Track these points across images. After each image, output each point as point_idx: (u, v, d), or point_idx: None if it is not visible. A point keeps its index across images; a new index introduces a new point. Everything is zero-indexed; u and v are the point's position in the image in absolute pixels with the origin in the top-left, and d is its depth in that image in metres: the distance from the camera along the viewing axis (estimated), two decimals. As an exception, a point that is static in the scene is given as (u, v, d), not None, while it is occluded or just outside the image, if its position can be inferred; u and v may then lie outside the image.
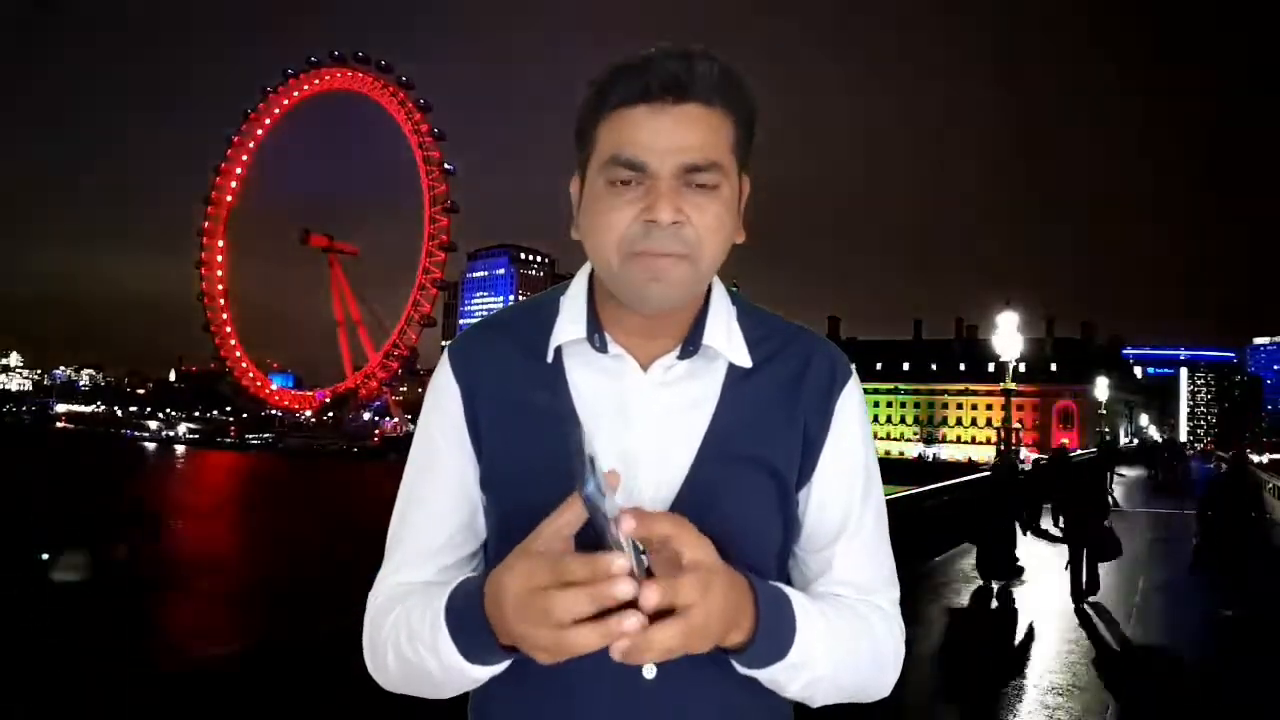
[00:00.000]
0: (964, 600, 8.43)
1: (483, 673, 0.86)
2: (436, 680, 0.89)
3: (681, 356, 0.98)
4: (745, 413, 0.97)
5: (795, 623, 0.85)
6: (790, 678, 0.87)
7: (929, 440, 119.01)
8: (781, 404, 0.99)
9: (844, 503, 1.00)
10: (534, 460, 0.94)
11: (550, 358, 0.99)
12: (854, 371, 1.05)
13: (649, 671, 0.91)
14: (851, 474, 1.01)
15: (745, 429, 0.97)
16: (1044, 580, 9.75)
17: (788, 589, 0.89)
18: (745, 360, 0.99)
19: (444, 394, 1.01)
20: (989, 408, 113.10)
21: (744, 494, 0.95)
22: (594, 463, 0.70)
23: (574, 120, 0.94)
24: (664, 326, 0.98)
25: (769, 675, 0.87)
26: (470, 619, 0.82)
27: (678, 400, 0.98)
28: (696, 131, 0.87)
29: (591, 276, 1.02)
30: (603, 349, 0.98)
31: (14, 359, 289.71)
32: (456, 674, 0.86)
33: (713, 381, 0.99)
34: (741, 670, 0.86)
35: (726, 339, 0.99)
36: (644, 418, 0.97)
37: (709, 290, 1.01)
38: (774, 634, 0.84)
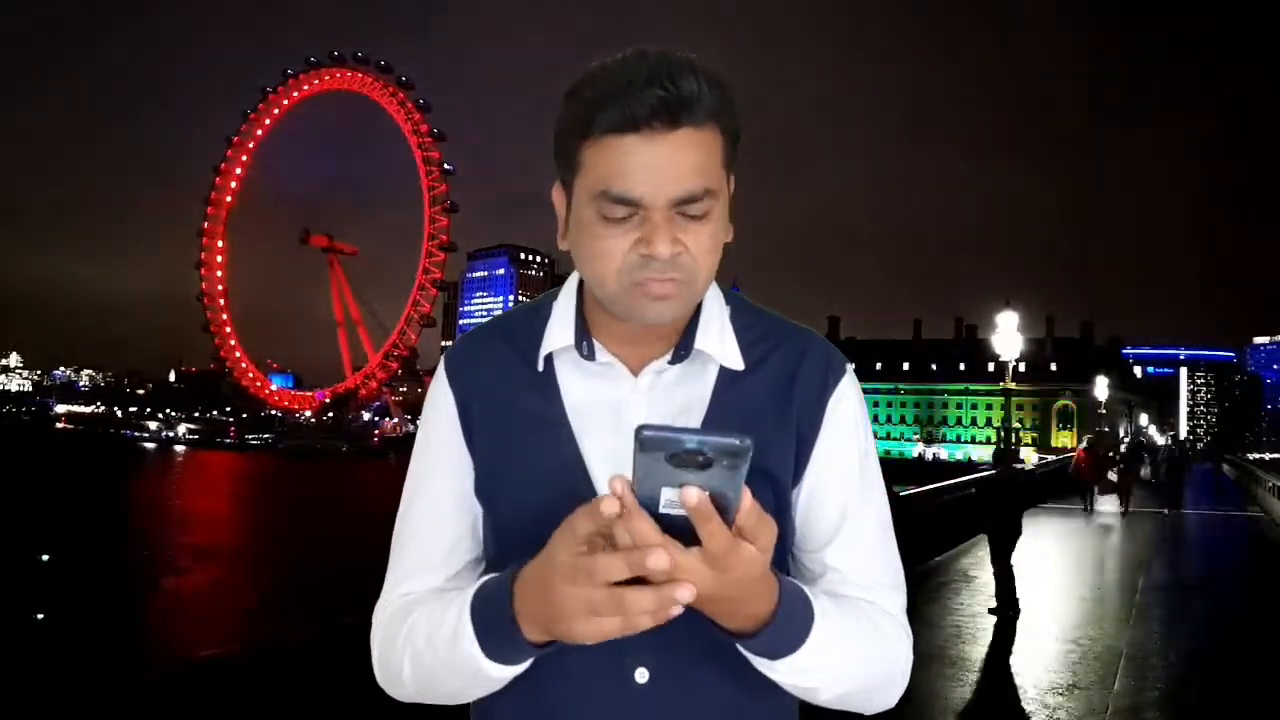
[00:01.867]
0: (964, 600, 8.43)
1: (502, 672, 0.85)
2: (454, 685, 0.90)
3: (673, 361, 0.97)
4: (737, 417, 0.97)
5: (813, 614, 0.85)
6: (801, 671, 0.86)
7: (929, 440, 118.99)
8: (774, 406, 0.98)
9: (839, 502, 0.99)
10: (528, 469, 0.95)
11: (541, 366, 0.99)
12: (849, 370, 1.03)
13: (641, 675, 0.91)
14: (846, 473, 1.00)
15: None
16: (1045, 581, 9.75)
17: (812, 594, 0.88)
18: (737, 363, 0.98)
19: (440, 402, 1.02)
20: (989, 408, 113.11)
21: None
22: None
23: (553, 130, 0.93)
24: (655, 332, 0.97)
25: (781, 667, 0.85)
26: (496, 614, 0.82)
27: (669, 406, 0.97)
28: (689, 159, 0.86)
29: (581, 283, 1.02)
30: (590, 356, 0.98)
31: (14, 359, 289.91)
32: (475, 674, 0.85)
33: (704, 386, 0.98)
34: (749, 656, 0.85)
35: (719, 342, 0.98)
36: (635, 424, 0.93)
37: None
38: (792, 621, 0.83)
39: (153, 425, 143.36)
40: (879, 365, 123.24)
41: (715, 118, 0.88)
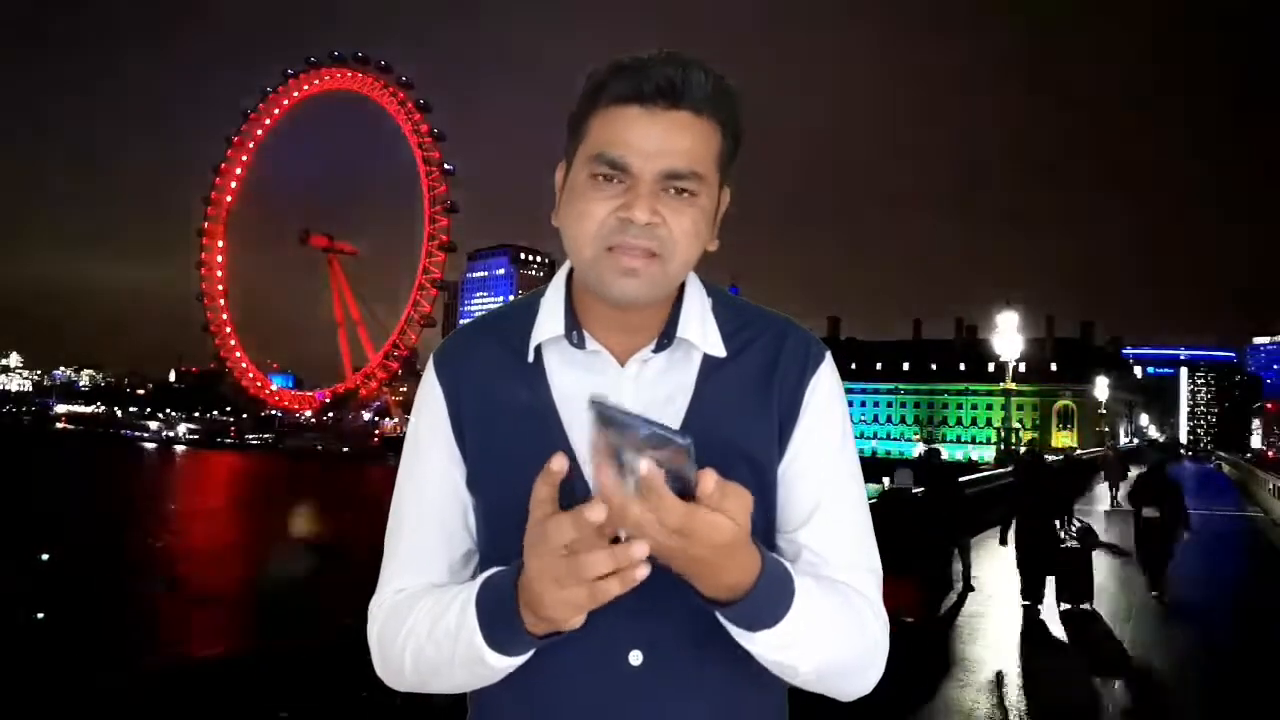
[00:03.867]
0: (964, 599, 8.43)
1: (504, 663, 0.87)
2: (457, 677, 0.92)
3: (657, 350, 1.00)
4: (720, 403, 0.99)
5: (794, 591, 0.85)
6: (780, 646, 0.86)
7: (929, 440, 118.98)
8: (756, 392, 1.00)
9: (816, 484, 1.00)
10: (516, 458, 0.96)
11: (531, 356, 1.01)
12: (828, 356, 1.05)
13: (635, 658, 0.93)
14: (824, 456, 1.01)
15: (721, 419, 0.98)
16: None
17: (794, 572, 0.89)
18: (720, 350, 1.01)
19: (429, 397, 1.04)
20: (989, 408, 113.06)
21: None
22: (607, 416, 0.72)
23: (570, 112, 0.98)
24: (640, 321, 1.00)
25: (760, 639, 0.86)
26: (500, 606, 0.84)
27: (654, 393, 0.99)
28: (684, 139, 0.90)
29: (570, 276, 1.05)
30: (580, 345, 1.00)
31: (14, 359, 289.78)
32: (478, 665, 0.87)
33: (688, 373, 1.00)
34: (729, 627, 0.86)
35: (701, 331, 1.01)
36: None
37: (683, 283, 1.03)
38: (771, 595, 0.84)
39: (153, 425, 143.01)
40: (879, 365, 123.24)
41: (715, 112, 0.92)
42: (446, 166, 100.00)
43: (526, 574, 0.79)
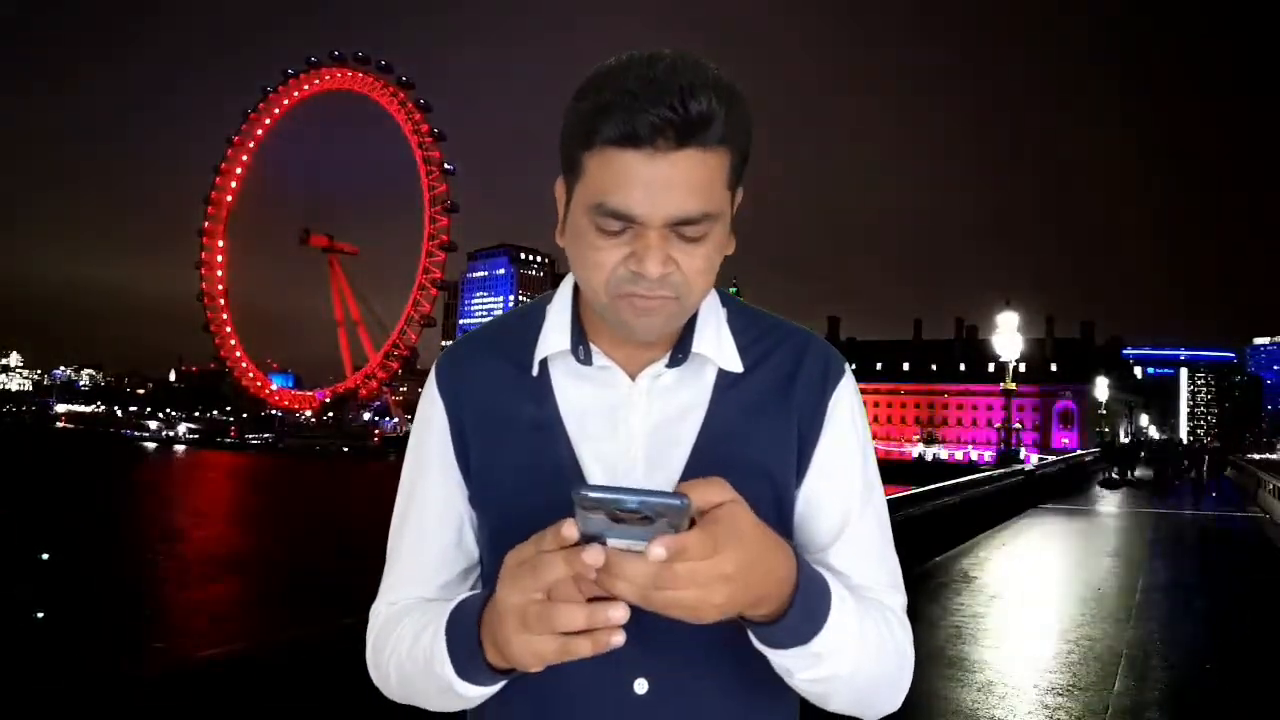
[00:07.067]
0: (964, 600, 8.43)
1: (474, 692, 0.86)
2: (433, 697, 0.92)
3: (670, 365, 0.97)
4: (736, 419, 0.96)
5: (829, 609, 0.82)
6: (806, 665, 0.84)
7: (929, 440, 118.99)
8: (774, 407, 0.97)
9: (841, 503, 0.98)
10: (522, 475, 0.95)
11: (536, 371, 0.98)
12: (848, 369, 1.02)
13: (640, 687, 0.90)
14: (848, 473, 0.99)
15: (737, 435, 0.96)
16: (1044, 581, 9.76)
17: (828, 576, 0.86)
18: (736, 365, 0.98)
19: (430, 412, 1.02)
20: (989, 408, 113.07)
21: None
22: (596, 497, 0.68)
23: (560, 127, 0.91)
24: None
25: (787, 658, 0.83)
26: (465, 634, 0.83)
27: (667, 409, 0.96)
28: (690, 180, 0.83)
29: (577, 285, 1.00)
30: (587, 361, 0.97)
31: (14, 359, 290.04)
32: (448, 690, 0.87)
33: (702, 388, 0.97)
34: (759, 646, 0.84)
35: (716, 345, 0.98)
36: (633, 428, 0.96)
37: None
38: (806, 616, 0.81)
39: (153, 425, 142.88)
40: (879, 365, 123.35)
41: (723, 139, 0.84)
42: (446, 166, 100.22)
43: (496, 605, 0.77)
